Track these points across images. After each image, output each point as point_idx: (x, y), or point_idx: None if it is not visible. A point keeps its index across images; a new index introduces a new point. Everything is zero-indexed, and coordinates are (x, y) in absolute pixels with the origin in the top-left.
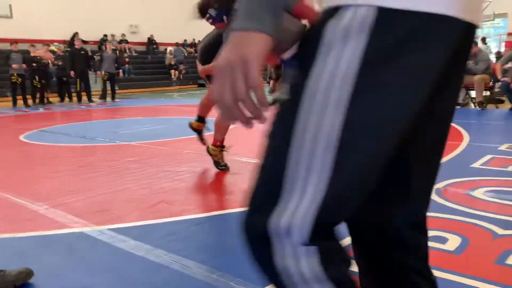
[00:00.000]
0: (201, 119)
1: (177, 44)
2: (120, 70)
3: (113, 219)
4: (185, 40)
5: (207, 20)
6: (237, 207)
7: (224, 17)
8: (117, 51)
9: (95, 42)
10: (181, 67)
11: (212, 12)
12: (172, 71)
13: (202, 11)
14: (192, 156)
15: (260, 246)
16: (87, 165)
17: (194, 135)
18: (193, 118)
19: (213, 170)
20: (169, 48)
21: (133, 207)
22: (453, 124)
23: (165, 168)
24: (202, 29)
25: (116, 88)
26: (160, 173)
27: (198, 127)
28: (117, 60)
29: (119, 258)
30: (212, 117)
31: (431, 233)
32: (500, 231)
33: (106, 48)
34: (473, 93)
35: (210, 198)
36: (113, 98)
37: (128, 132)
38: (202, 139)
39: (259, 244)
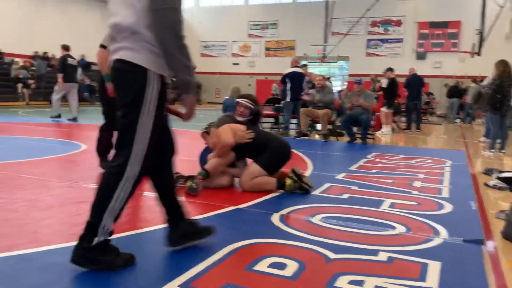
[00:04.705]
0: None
1: (36, 57)
2: None
3: None
4: (36, 52)
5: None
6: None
7: None
8: None
9: None
10: (30, 82)
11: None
12: (19, 85)
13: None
14: (32, 181)
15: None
16: None
17: (37, 158)
18: (40, 138)
19: (53, 198)
20: (16, 59)
21: None
22: (300, 154)
23: None
24: (54, 42)
25: None
26: None
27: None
28: None
29: None
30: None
31: (272, 259)
32: (332, 255)
33: None
34: (318, 126)
35: (48, 230)
36: None
37: None
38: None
39: None
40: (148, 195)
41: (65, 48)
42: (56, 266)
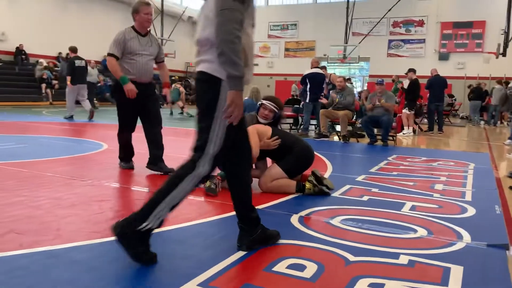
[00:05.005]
0: None
1: (59, 57)
2: None
3: None
4: (60, 53)
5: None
6: (100, 237)
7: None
8: None
9: None
10: (54, 82)
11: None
12: (43, 86)
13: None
14: (55, 179)
15: None
16: None
17: (60, 156)
18: (63, 137)
19: (76, 196)
20: (41, 60)
21: None
22: (319, 155)
23: (20, 192)
24: (77, 43)
25: None
26: (13, 198)
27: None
28: None
29: None
30: None
31: (291, 260)
32: (351, 257)
33: None
34: (338, 127)
35: (71, 227)
36: None
37: None
38: None
39: None
40: None
41: (73, 50)
42: (79, 263)
